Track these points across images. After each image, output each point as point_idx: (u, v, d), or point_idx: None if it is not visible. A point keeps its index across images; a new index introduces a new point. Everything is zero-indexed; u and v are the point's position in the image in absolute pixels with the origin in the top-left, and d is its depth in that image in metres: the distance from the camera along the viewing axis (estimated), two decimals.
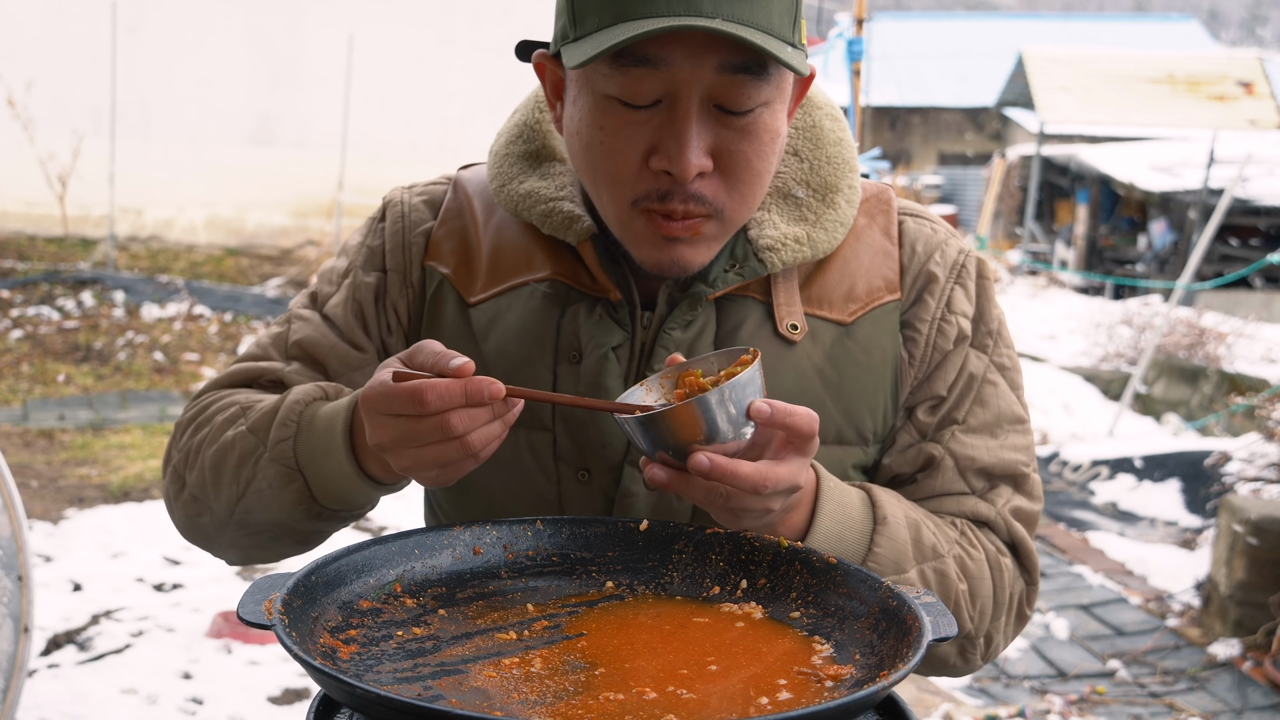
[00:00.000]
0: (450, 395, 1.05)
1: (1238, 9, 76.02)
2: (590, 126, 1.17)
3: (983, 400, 1.33)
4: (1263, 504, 5.15)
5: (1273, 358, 10.70)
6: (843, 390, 1.29)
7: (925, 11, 47.11)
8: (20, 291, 10.94)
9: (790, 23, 1.13)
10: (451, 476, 1.11)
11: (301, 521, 1.26)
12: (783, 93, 1.18)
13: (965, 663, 1.33)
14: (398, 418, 1.06)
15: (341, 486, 1.21)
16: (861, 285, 1.31)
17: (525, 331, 1.30)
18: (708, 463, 1.06)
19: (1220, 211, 8.55)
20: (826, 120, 1.35)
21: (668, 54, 1.11)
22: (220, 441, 1.28)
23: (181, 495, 1.32)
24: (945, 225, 1.38)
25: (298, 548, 1.33)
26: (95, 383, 8.61)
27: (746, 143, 1.16)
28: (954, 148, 29.32)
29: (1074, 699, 4.49)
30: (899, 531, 1.22)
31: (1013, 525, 1.32)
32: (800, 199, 1.31)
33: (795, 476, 1.09)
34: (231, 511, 1.27)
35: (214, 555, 1.38)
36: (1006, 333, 1.37)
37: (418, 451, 1.07)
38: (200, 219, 13.81)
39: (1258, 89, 17.61)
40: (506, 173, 1.35)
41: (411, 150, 13.14)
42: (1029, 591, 1.35)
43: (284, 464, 1.22)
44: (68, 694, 3.94)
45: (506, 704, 0.90)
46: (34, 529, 5.47)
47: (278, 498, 1.23)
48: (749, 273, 1.27)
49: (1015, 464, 1.33)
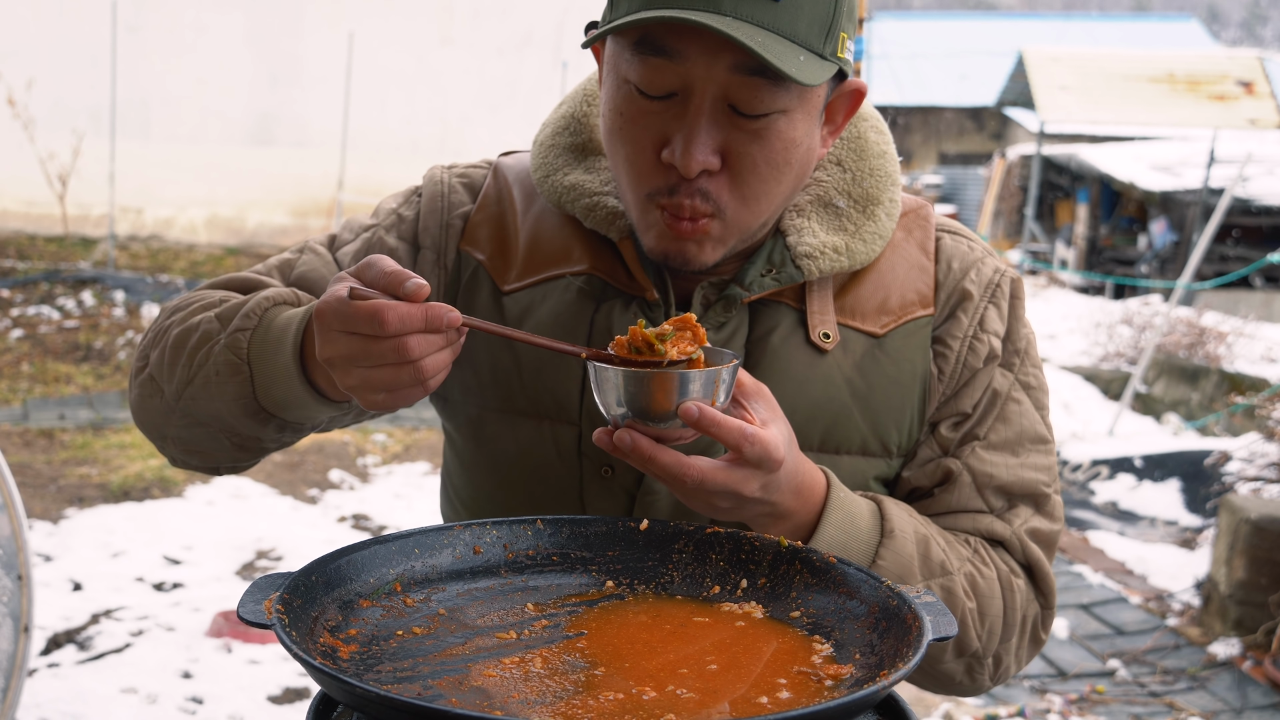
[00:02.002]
0: (410, 319, 1.03)
1: (1238, 9, 75.99)
2: (612, 111, 1.19)
3: (1005, 418, 1.32)
4: (1263, 504, 5.14)
5: (1273, 357, 10.70)
6: (870, 402, 1.28)
7: (925, 11, 47.09)
8: (20, 291, 10.94)
9: (822, 32, 1.12)
10: (397, 403, 1.08)
11: (239, 420, 1.24)
12: (806, 102, 1.16)
13: (973, 682, 1.32)
14: (352, 335, 1.04)
15: (283, 390, 1.19)
16: (895, 298, 1.31)
17: (559, 324, 1.30)
18: (629, 441, 1.08)
19: (1220, 211, 8.55)
20: (871, 132, 1.35)
21: (684, 47, 1.11)
22: (188, 324, 1.27)
23: (141, 374, 1.31)
24: (983, 243, 1.38)
25: (234, 454, 1.30)
26: (95, 382, 8.61)
27: (756, 147, 1.16)
28: (954, 147, 29.31)
29: (1074, 698, 4.49)
30: (906, 546, 1.22)
31: (1028, 546, 1.31)
32: (841, 209, 1.30)
33: (736, 484, 1.09)
34: (179, 396, 1.26)
35: (157, 446, 1.36)
36: (1034, 352, 1.36)
37: (368, 372, 1.06)
38: (200, 218, 13.80)
39: (1258, 89, 17.60)
40: (551, 164, 1.35)
41: (411, 150, 13.14)
42: (1044, 615, 1.33)
43: (235, 354, 1.21)
44: (68, 693, 3.94)
45: (506, 704, 0.90)
46: (34, 529, 5.47)
47: (222, 388, 1.22)
48: (785, 279, 1.27)
49: (1035, 483, 1.32)
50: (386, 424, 7.92)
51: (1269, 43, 61.44)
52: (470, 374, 1.35)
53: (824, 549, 1.17)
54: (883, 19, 26.93)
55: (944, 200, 24.83)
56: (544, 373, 1.30)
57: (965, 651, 1.27)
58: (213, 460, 1.33)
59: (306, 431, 1.27)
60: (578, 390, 1.29)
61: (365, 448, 7.31)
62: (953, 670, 1.29)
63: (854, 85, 1.22)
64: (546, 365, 1.29)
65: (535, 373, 1.31)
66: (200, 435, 1.28)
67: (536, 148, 1.38)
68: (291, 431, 1.27)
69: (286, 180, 13.53)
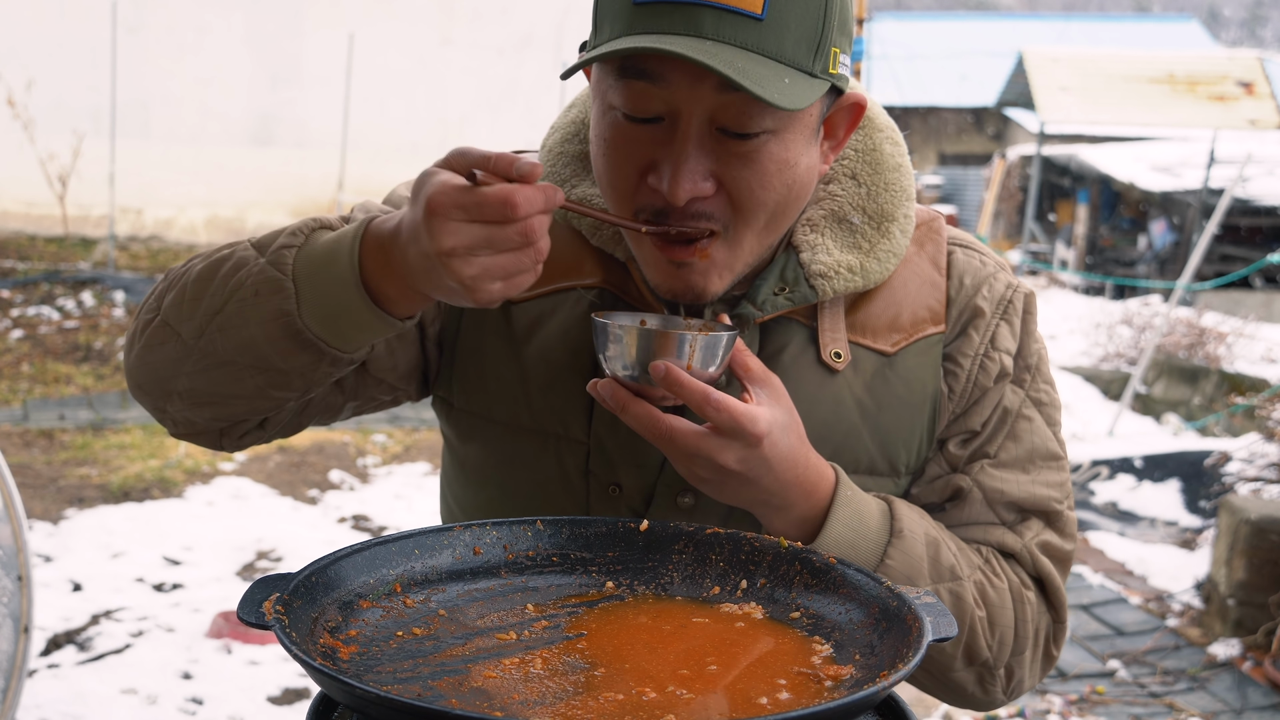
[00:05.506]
0: (534, 201, 1.00)
1: (1238, 9, 75.99)
2: (597, 136, 1.17)
3: (1016, 435, 1.30)
4: (1263, 504, 5.14)
5: (1273, 358, 10.70)
6: (880, 422, 1.27)
7: (925, 11, 47.07)
8: (20, 291, 10.94)
9: (810, 49, 1.09)
10: (510, 290, 1.04)
11: (275, 345, 1.13)
12: (798, 120, 1.14)
13: (985, 694, 1.30)
14: (475, 223, 1.00)
15: (336, 302, 1.11)
16: (906, 315, 1.28)
17: (568, 337, 1.27)
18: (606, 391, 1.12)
19: (1220, 211, 8.55)
20: (887, 144, 1.31)
21: (667, 71, 1.09)
22: (215, 258, 1.19)
23: (150, 325, 1.21)
24: (995, 257, 1.35)
25: (253, 401, 1.20)
26: (95, 383, 8.61)
27: (749, 170, 1.13)
28: (954, 148, 29.31)
29: (1074, 699, 4.49)
30: (915, 547, 1.20)
31: (1039, 559, 1.29)
32: (855, 225, 1.27)
33: (709, 451, 1.10)
34: (202, 331, 1.16)
35: (158, 412, 1.26)
36: (1046, 368, 1.34)
37: (490, 260, 1.01)
38: (200, 219, 13.81)
39: (1258, 89, 17.60)
40: (560, 174, 1.32)
41: (411, 150, 13.12)
42: (1056, 630, 1.32)
43: (279, 269, 1.13)
44: (68, 694, 3.95)
45: (506, 704, 0.90)
46: (34, 529, 5.47)
47: (259, 308, 1.12)
48: (799, 299, 1.24)
49: (1047, 500, 1.30)
50: (386, 424, 7.92)
51: (1269, 43, 61.42)
52: (476, 382, 1.32)
53: (831, 546, 1.16)
54: (882, 19, 26.91)
55: (944, 201, 24.83)
56: (553, 389, 1.27)
57: (975, 660, 1.26)
58: (225, 411, 1.22)
59: (343, 368, 1.18)
60: (586, 408, 1.26)
61: (365, 448, 7.32)
62: (964, 680, 1.28)
63: (853, 98, 1.20)
64: (556, 381, 1.27)
65: (544, 389, 1.28)
66: (220, 378, 1.18)
67: (546, 154, 1.34)
68: (327, 365, 1.17)
69: (286, 180, 13.54)
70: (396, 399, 1.38)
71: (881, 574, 1.17)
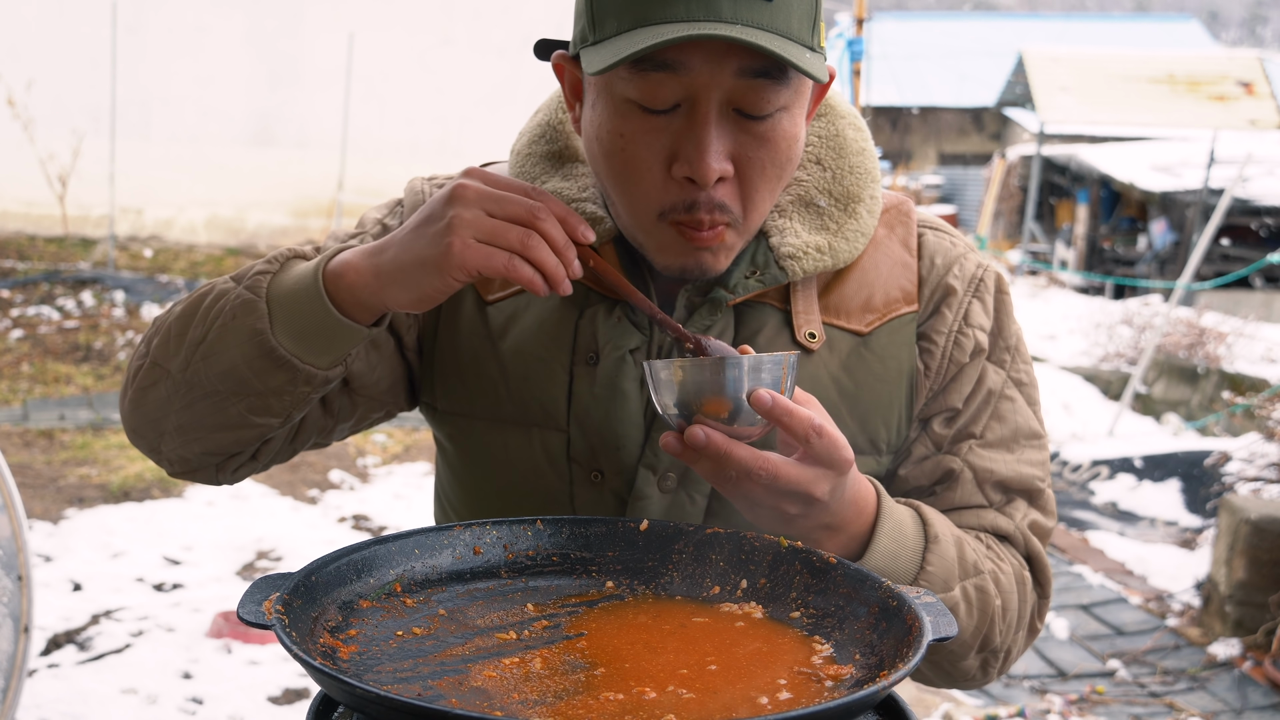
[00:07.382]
0: (555, 202, 1.12)
1: (1238, 9, 75.98)
2: (610, 133, 1.16)
3: (1000, 415, 1.33)
4: (1263, 504, 5.14)
5: (1273, 358, 10.70)
6: (858, 400, 1.28)
7: (925, 11, 47.08)
8: (20, 291, 10.94)
9: (810, 26, 1.12)
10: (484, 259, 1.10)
11: (251, 365, 1.17)
12: (801, 96, 1.17)
13: (985, 676, 1.33)
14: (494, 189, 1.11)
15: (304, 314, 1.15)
16: (879, 296, 1.31)
17: (543, 331, 1.29)
18: (703, 436, 1.05)
19: (1220, 211, 8.55)
20: (850, 130, 1.34)
21: (687, 59, 1.10)
22: (198, 294, 1.24)
23: (141, 369, 1.26)
24: (965, 239, 1.39)
25: (237, 431, 1.24)
26: (95, 383, 8.61)
27: (765, 149, 1.15)
28: (954, 148, 29.31)
29: (1074, 699, 4.49)
30: (948, 549, 1.22)
31: (1030, 539, 1.32)
32: (822, 208, 1.30)
33: (808, 484, 1.06)
34: (188, 363, 1.20)
35: (154, 453, 1.30)
36: (1024, 349, 1.37)
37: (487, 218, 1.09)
38: (200, 219, 13.80)
39: (1258, 89, 17.61)
40: (529, 172, 1.34)
41: (411, 150, 13.13)
42: (1041, 604, 1.35)
43: (254, 291, 1.18)
44: (68, 694, 3.95)
45: (506, 704, 0.90)
46: (34, 529, 5.47)
47: (237, 331, 1.17)
48: (769, 280, 1.26)
49: (1031, 479, 1.33)
50: (386, 424, 7.92)
51: (1269, 43, 61.44)
52: (457, 383, 1.35)
53: (877, 559, 1.17)
54: (882, 19, 26.90)
55: (944, 200, 24.83)
56: (530, 380, 1.30)
57: (988, 647, 1.28)
58: (214, 445, 1.26)
59: (318, 386, 1.20)
60: (564, 397, 1.28)
61: (365, 448, 7.32)
62: (970, 666, 1.30)
63: (829, 69, 1.22)
64: (532, 373, 1.29)
65: (521, 381, 1.31)
66: (205, 410, 1.22)
67: (514, 156, 1.37)
68: (303, 384, 1.19)
69: (286, 181, 13.53)
70: (389, 413, 1.42)
71: (921, 580, 1.20)
